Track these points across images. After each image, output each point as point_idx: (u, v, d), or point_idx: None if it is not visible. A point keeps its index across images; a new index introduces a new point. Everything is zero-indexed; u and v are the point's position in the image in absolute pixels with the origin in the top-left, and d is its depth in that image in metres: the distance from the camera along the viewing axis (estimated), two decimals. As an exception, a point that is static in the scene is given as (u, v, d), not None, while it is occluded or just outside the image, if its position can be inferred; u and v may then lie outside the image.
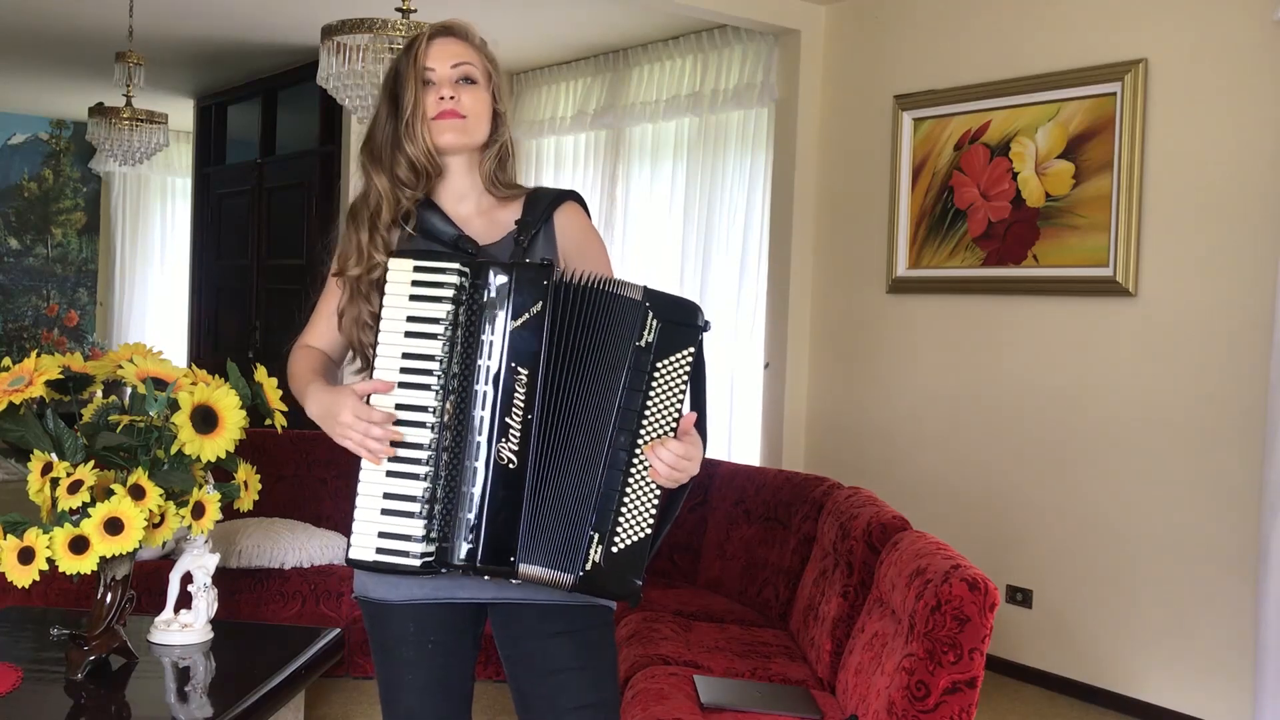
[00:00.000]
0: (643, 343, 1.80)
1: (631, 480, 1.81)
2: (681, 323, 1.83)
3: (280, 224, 7.56)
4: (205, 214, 8.42)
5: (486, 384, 1.80)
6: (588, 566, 1.80)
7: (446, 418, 1.81)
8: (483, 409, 1.80)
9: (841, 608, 3.21)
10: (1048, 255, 4.53)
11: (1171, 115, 4.20)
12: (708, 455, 1.92)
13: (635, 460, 1.81)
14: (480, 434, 1.80)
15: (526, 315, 1.81)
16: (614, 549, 1.81)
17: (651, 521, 1.83)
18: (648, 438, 1.80)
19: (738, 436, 5.78)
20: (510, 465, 1.80)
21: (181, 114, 8.28)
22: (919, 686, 2.41)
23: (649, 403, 1.81)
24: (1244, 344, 3.99)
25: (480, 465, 1.80)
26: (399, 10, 3.88)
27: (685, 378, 1.83)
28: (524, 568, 1.81)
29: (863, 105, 5.29)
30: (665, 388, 1.82)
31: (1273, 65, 3.94)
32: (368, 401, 1.84)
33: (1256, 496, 3.88)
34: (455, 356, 1.82)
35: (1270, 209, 3.94)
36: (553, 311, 1.81)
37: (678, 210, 6.11)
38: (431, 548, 1.81)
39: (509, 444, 1.80)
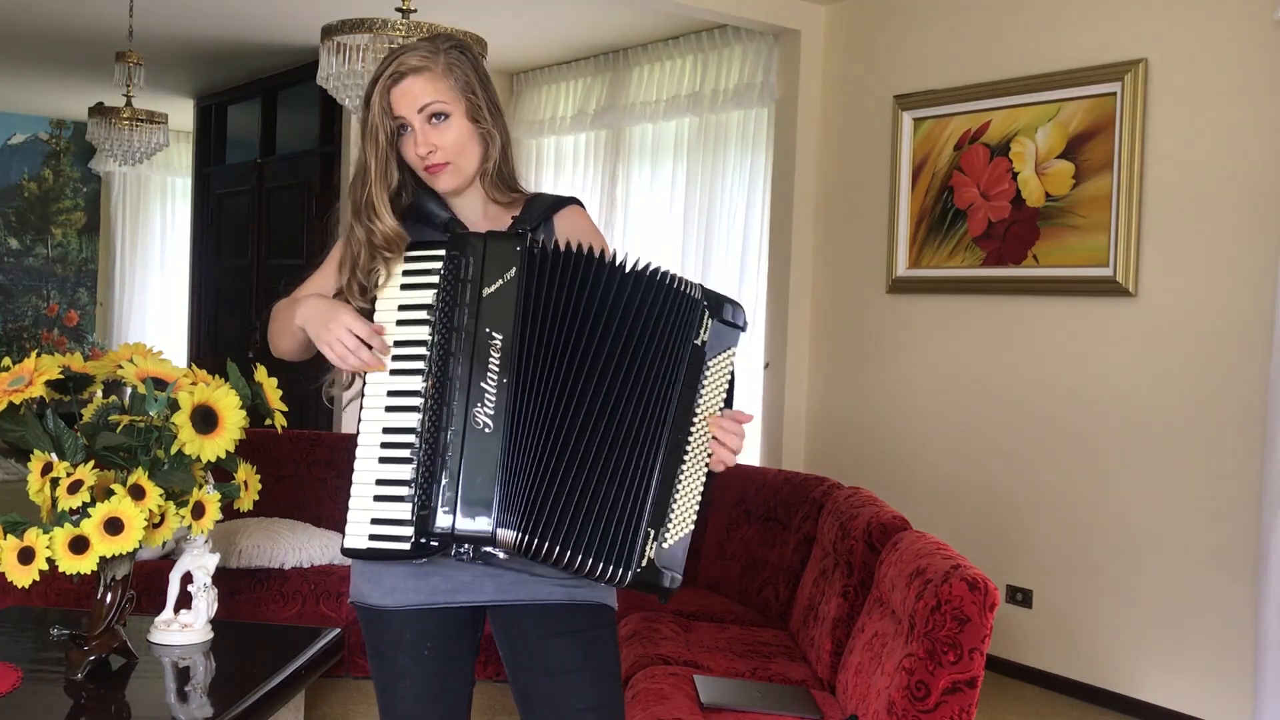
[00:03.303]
0: (699, 341, 1.84)
1: (684, 474, 1.84)
2: (730, 322, 1.88)
3: (280, 224, 7.56)
4: (205, 214, 8.42)
5: (461, 351, 1.80)
6: (643, 563, 1.80)
7: (429, 399, 1.81)
8: (458, 376, 1.80)
9: (841, 608, 3.21)
10: (1048, 255, 4.53)
11: (1171, 115, 4.20)
12: None
13: (687, 454, 1.83)
14: (456, 400, 1.79)
15: (500, 282, 1.82)
16: (664, 544, 1.82)
17: (696, 516, 1.85)
18: (698, 435, 1.84)
19: (738, 436, 5.77)
20: (486, 430, 1.78)
21: (181, 114, 8.28)
22: (919, 686, 2.41)
23: (700, 400, 1.85)
24: (1244, 344, 3.99)
25: (457, 431, 1.79)
26: (399, 10, 3.88)
27: (729, 375, 1.88)
28: (503, 533, 1.77)
29: (863, 105, 5.29)
30: (713, 386, 1.86)
31: (1273, 65, 3.94)
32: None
33: (1256, 496, 3.88)
34: (437, 333, 1.83)
35: (1270, 209, 3.93)
36: (527, 278, 1.81)
37: (678, 210, 6.11)
38: (414, 530, 1.80)
39: (484, 408, 1.79)
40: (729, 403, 1.90)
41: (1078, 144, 4.43)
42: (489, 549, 1.80)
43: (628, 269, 1.84)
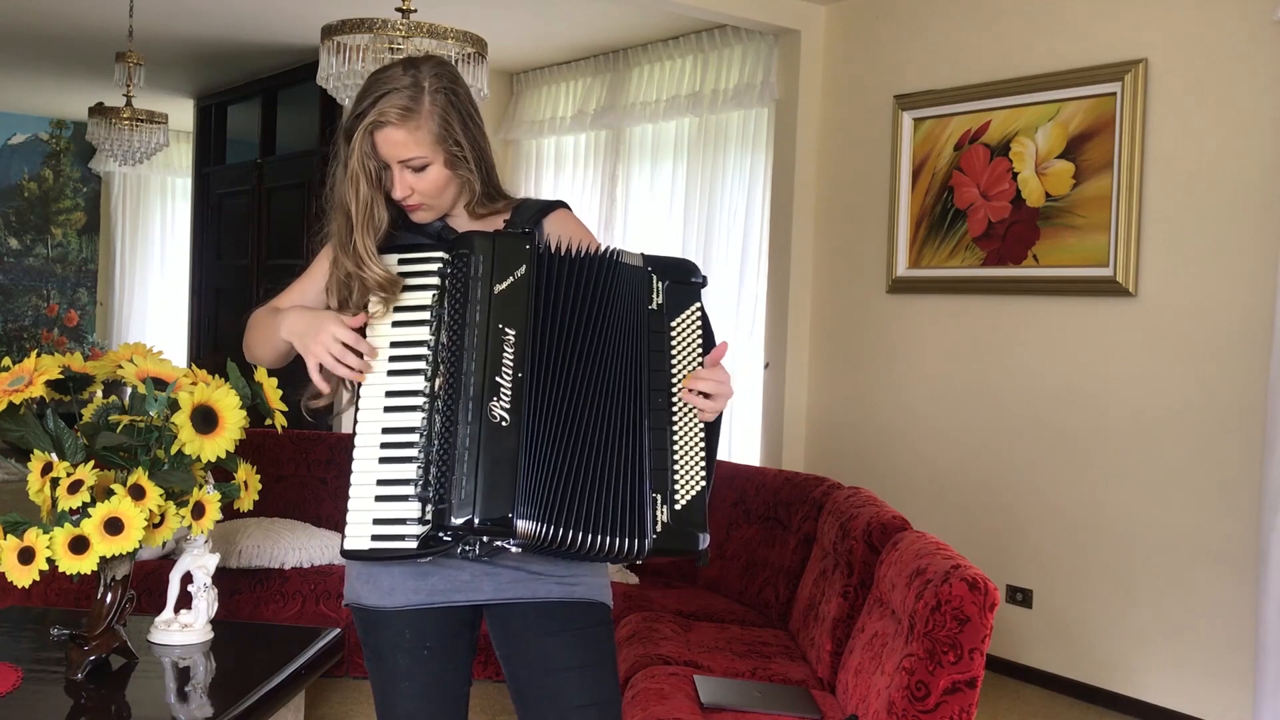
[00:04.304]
0: (654, 305, 1.87)
1: (677, 435, 1.85)
2: (684, 281, 1.91)
3: (280, 224, 7.56)
4: (205, 214, 8.42)
5: (474, 347, 1.81)
6: (658, 529, 1.81)
7: (439, 391, 1.82)
8: (471, 371, 1.80)
9: (841, 608, 3.21)
10: (1048, 255, 4.53)
11: (1171, 115, 4.20)
12: None
13: (674, 416, 1.85)
14: (471, 396, 1.80)
15: (511, 279, 1.84)
16: (677, 506, 1.83)
17: (704, 471, 1.86)
18: (680, 394, 1.86)
19: (738, 436, 5.77)
20: (503, 423, 1.79)
21: (181, 114, 8.28)
22: (919, 686, 2.41)
23: (673, 361, 1.87)
24: (1244, 344, 3.99)
25: (473, 426, 1.79)
26: (399, 10, 3.88)
27: (699, 333, 1.89)
28: (522, 524, 1.78)
29: (863, 105, 5.29)
30: (684, 344, 1.88)
31: (1273, 65, 3.94)
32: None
33: (1256, 496, 3.88)
34: (444, 331, 1.84)
35: (1270, 208, 3.94)
36: (537, 274, 1.84)
37: (678, 210, 6.11)
38: (425, 529, 1.79)
39: (500, 402, 1.80)
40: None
41: (1078, 144, 4.43)
42: (502, 543, 1.81)
43: (601, 258, 1.88)
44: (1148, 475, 4.25)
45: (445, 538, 1.80)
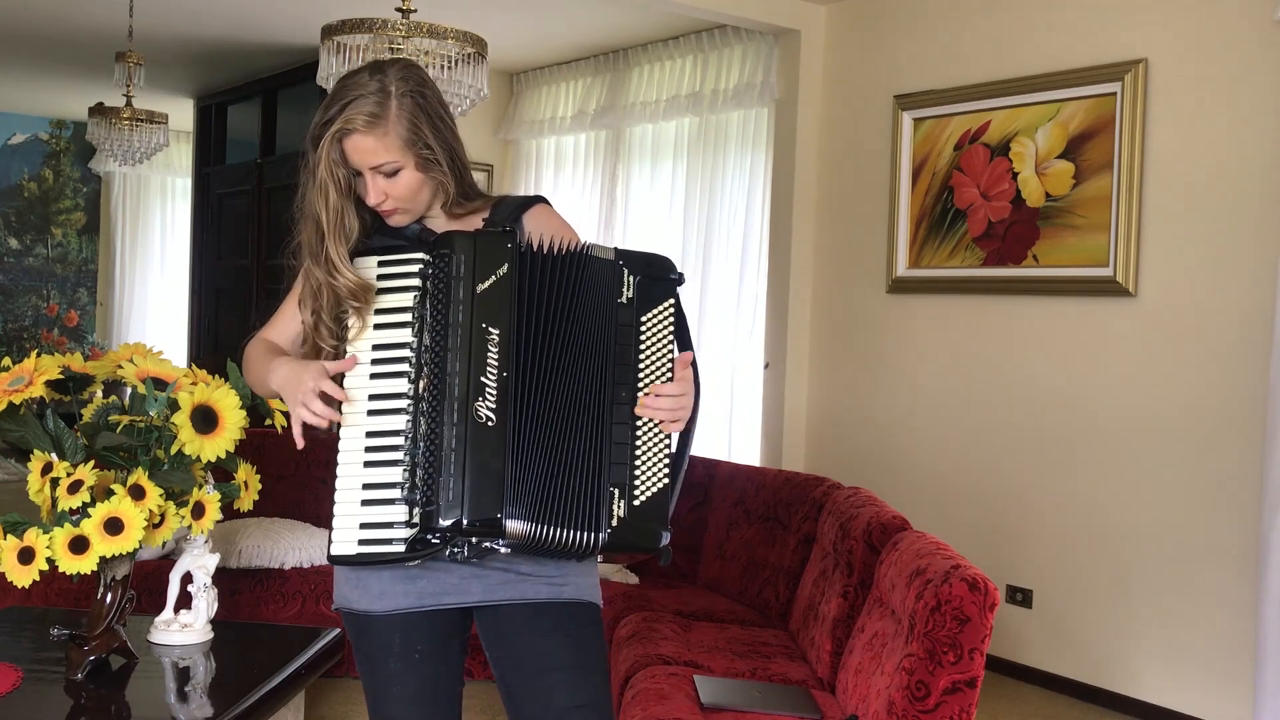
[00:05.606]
0: (624, 299, 1.86)
1: (640, 432, 1.83)
2: (657, 277, 1.89)
3: (280, 224, 7.53)
4: (205, 214, 8.42)
5: (458, 348, 1.80)
6: (614, 522, 1.80)
7: (423, 393, 1.81)
8: (456, 372, 1.80)
9: (841, 608, 3.21)
10: (1048, 255, 4.53)
11: (1171, 115, 4.20)
12: (708, 454, 1.95)
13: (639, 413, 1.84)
14: (456, 396, 1.79)
15: (493, 278, 1.83)
16: (636, 501, 1.82)
17: (667, 470, 1.85)
18: (646, 389, 1.84)
19: (738, 436, 5.77)
20: (489, 424, 1.79)
21: (181, 114, 8.28)
22: (919, 686, 2.41)
23: (641, 356, 1.85)
24: (1244, 344, 3.99)
25: (459, 427, 1.79)
26: (399, 10, 3.88)
27: (671, 329, 1.88)
28: (511, 524, 1.78)
29: (863, 105, 5.29)
30: (654, 340, 1.87)
31: (1273, 65, 3.94)
32: (341, 383, 1.86)
33: (1256, 496, 3.88)
34: (427, 332, 1.83)
35: (1270, 208, 3.94)
36: (519, 273, 1.84)
37: (678, 210, 6.11)
38: (413, 532, 1.79)
39: (486, 402, 1.80)
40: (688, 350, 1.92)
41: (1078, 144, 4.43)
42: (490, 544, 1.81)
43: (574, 254, 1.87)
44: (1148, 475, 4.25)
45: (434, 540, 1.79)
